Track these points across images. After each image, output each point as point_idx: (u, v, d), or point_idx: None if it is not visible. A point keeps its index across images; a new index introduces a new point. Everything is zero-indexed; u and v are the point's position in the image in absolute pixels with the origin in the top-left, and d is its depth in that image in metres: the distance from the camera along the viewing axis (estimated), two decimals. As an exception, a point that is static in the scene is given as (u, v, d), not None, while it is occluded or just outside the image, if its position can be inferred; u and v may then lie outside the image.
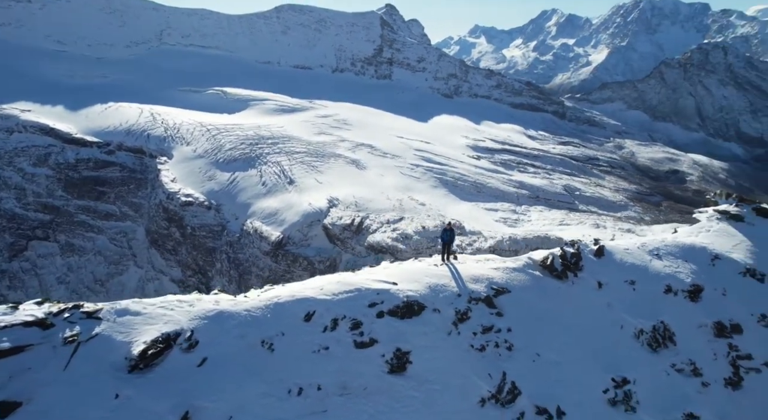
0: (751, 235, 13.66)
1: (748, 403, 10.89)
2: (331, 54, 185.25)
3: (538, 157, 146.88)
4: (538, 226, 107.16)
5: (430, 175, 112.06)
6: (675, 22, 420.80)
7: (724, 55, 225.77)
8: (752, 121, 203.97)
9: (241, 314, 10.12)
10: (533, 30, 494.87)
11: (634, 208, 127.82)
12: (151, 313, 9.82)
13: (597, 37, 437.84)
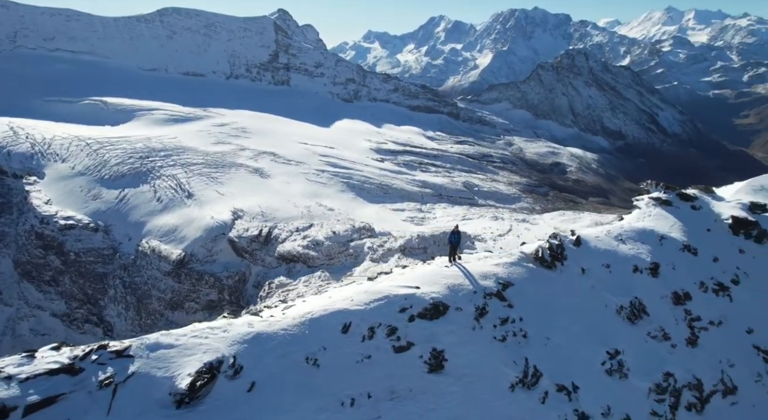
0: (679, 217, 15.99)
1: (704, 357, 13.13)
2: (224, 60, 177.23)
3: (438, 157, 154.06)
4: (443, 223, 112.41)
5: (336, 179, 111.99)
6: (545, 30, 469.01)
7: (586, 60, 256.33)
8: (612, 118, 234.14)
9: (279, 334, 10.15)
10: (424, 35, 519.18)
11: (526, 200, 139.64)
12: (186, 344, 9.53)
13: (482, 43, 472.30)
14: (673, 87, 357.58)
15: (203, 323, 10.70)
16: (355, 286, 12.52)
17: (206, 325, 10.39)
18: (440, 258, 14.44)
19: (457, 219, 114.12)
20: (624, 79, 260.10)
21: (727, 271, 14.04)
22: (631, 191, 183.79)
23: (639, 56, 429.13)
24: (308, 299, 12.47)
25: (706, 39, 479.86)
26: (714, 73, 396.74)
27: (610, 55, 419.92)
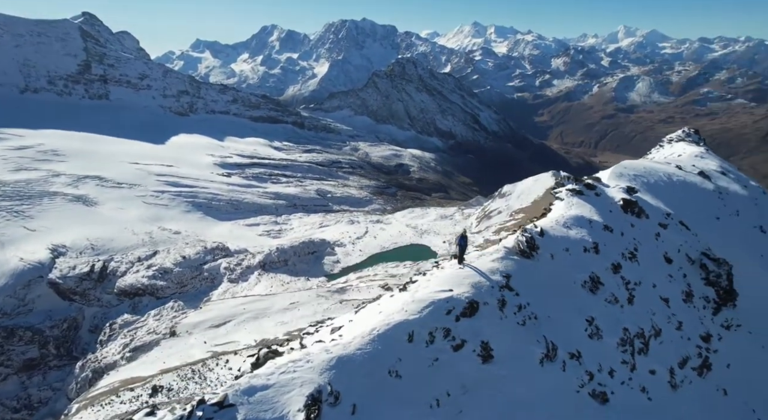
0: (591, 203, 18.90)
1: (639, 311, 16.22)
2: (14, 70, 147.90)
3: (288, 167, 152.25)
4: (302, 232, 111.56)
5: (180, 200, 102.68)
6: (375, 40, 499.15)
7: (415, 68, 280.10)
8: (443, 119, 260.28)
9: (357, 354, 10.61)
10: (258, 45, 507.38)
11: (378, 201, 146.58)
12: (279, 382, 9.81)
13: (317, 52, 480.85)
14: (487, 91, 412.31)
15: (283, 357, 10.97)
16: (399, 297, 13.30)
17: (287, 359, 10.67)
18: (448, 262, 15.51)
19: (315, 227, 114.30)
20: (448, 84, 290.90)
21: (630, 242, 17.20)
22: (465, 184, 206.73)
23: (458, 64, 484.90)
24: (354, 318, 12.93)
25: (505, 50, 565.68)
26: (515, 78, 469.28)
27: (434, 63, 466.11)
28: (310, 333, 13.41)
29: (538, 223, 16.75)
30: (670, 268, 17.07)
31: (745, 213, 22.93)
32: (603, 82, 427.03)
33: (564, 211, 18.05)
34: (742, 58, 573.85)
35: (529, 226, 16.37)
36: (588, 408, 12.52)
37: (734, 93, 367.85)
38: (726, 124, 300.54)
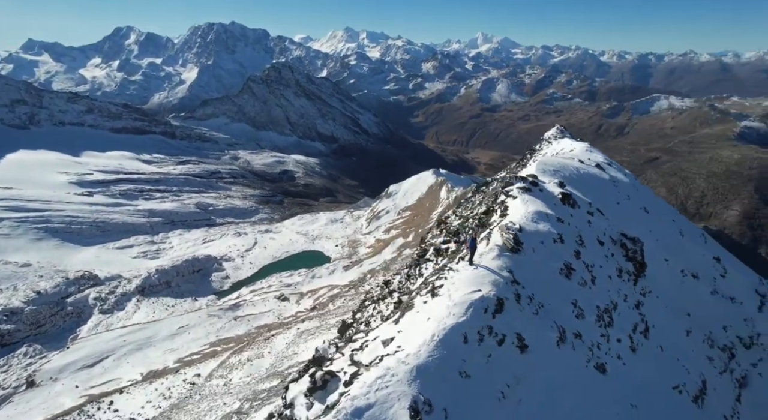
0: (540, 198, 20.32)
1: (600, 289, 18.23)
2: None
3: (161, 181, 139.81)
4: (184, 250, 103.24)
5: (26, 226, 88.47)
6: (247, 44, 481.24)
7: (291, 73, 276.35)
8: (324, 124, 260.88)
9: (429, 361, 10.99)
10: (111, 48, 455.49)
11: (264, 210, 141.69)
12: (379, 398, 9.96)
13: (184, 56, 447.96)
14: (364, 94, 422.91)
15: (370, 373, 11.00)
16: (441, 302, 13.64)
17: (374, 376, 10.77)
18: (459, 264, 15.97)
19: (198, 243, 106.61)
20: (327, 89, 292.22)
21: (576, 230, 19.54)
22: (352, 187, 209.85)
23: (334, 69, 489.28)
24: (400, 327, 13.09)
25: (378, 55, 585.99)
26: (390, 82, 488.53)
27: (310, 67, 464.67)
28: (358, 348, 13.11)
29: (514, 220, 17.98)
30: (604, 250, 19.51)
31: (633, 197, 27.03)
32: (469, 84, 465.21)
33: (525, 207, 19.34)
34: (575, 63, 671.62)
35: (508, 224, 17.54)
36: (596, 379, 14.49)
37: (572, 93, 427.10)
38: (569, 120, 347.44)
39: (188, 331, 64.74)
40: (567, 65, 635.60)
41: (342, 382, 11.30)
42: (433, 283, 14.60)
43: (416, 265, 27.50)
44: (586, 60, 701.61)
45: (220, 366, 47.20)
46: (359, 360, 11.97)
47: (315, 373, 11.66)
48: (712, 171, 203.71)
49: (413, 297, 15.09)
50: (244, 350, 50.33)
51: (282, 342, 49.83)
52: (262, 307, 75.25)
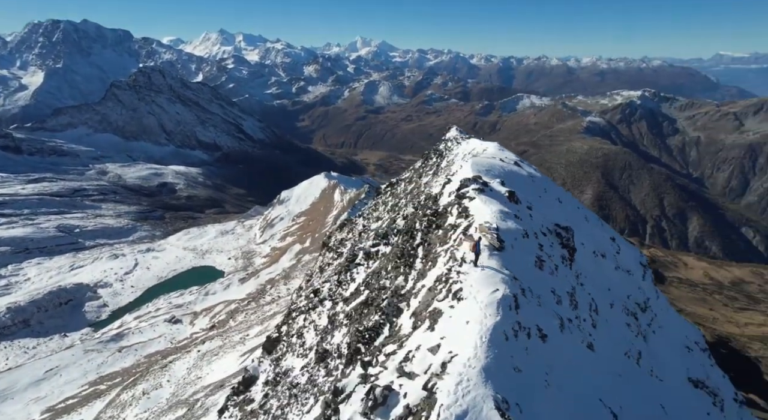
0: (494, 197, 20.98)
1: (563, 276, 19.58)
2: None
3: (7, 204, 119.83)
4: (45, 281, 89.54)
5: None
6: (106, 46, 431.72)
7: (163, 77, 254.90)
8: (204, 131, 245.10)
9: (488, 362, 11.36)
10: None
11: (143, 228, 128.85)
12: (469, 404, 10.22)
13: (23, 58, 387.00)
14: (246, 99, 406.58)
15: (445, 381, 11.05)
16: (472, 305, 13.74)
17: (453, 383, 10.82)
18: (463, 267, 16.00)
19: (64, 271, 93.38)
20: (205, 94, 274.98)
21: (528, 225, 20.15)
22: (240, 196, 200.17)
23: (210, 73, 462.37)
24: (440, 333, 13.06)
25: (257, 58, 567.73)
26: (272, 86, 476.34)
27: (183, 71, 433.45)
28: (404, 359, 12.61)
29: (488, 220, 18.32)
30: (547, 239, 20.76)
31: (548, 190, 29.38)
32: (352, 87, 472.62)
33: (488, 207, 19.61)
34: (449, 66, 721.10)
35: (483, 223, 17.80)
36: (590, 356, 16.09)
37: (449, 94, 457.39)
38: (448, 119, 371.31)
39: (59, 373, 56.45)
40: (442, 68, 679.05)
41: (401, 395, 11.15)
42: (449, 287, 14.76)
43: (347, 271, 27.07)
44: (458, 63, 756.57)
45: (109, 406, 41.95)
46: (411, 370, 11.86)
47: (373, 389, 11.30)
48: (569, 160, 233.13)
49: (430, 302, 15.07)
50: (137, 383, 45.32)
51: (182, 367, 45.91)
52: (151, 333, 68.45)
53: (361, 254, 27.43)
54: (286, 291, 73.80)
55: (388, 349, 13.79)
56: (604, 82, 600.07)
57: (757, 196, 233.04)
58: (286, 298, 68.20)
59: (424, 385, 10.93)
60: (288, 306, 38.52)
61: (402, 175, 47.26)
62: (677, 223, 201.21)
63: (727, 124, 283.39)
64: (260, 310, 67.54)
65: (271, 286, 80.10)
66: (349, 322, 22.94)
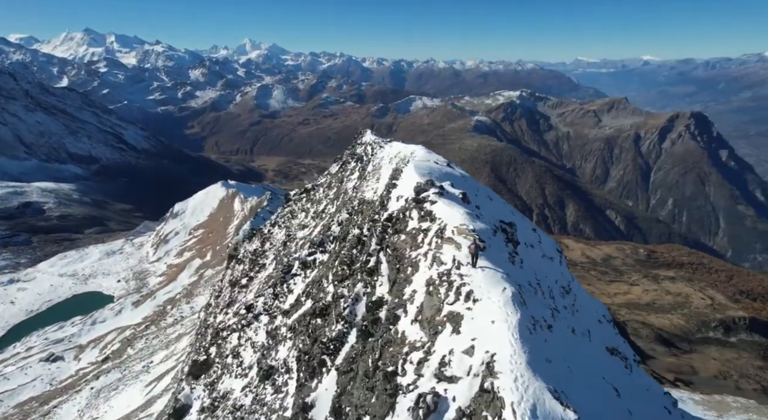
0: (452, 199, 21.01)
1: (526, 268, 20.07)
2: None
3: None
4: None
5: None
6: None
7: (15, 81, 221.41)
8: (76, 142, 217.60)
9: (528, 357, 11.69)
10: None
11: (3, 256, 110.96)
12: (533, 398, 10.49)
13: None
14: (125, 106, 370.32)
15: (500, 380, 11.26)
16: (492, 304, 13.98)
17: (510, 380, 10.96)
18: (462, 269, 16.08)
19: None
20: (73, 101, 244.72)
21: (486, 221, 20.46)
22: (126, 212, 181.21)
23: (78, 77, 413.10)
24: (471, 335, 13.06)
25: (135, 61, 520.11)
26: (155, 91, 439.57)
27: (43, 75, 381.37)
28: (441, 364, 12.47)
29: (461, 221, 18.44)
30: (497, 236, 20.98)
31: (480, 189, 30.05)
32: (244, 91, 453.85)
33: (453, 210, 19.62)
34: (342, 69, 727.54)
35: (460, 226, 17.98)
36: (577, 339, 17.37)
37: (344, 97, 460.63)
38: (345, 121, 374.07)
39: None
40: (335, 71, 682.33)
41: (450, 399, 11.27)
42: (458, 289, 14.96)
43: (282, 283, 25.95)
44: (351, 66, 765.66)
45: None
46: (453, 374, 11.94)
47: (422, 398, 11.29)
48: (462, 158, 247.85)
49: (439, 306, 14.85)
50: (7, 441, 38.61)
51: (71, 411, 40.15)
52: (22, 377, 58.96)
53: (296, 264, 26.41)
54: (190, 310, 68.36)
55: (414, 357, 13.58)
56: (487, 83, 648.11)
57: (616, 182, 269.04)
58: (191, 317, 63.12)
59: (481, 386, 11.04)
60: (199, 325, 35.52)
61: (318, 181, 46.14)
62: (557, 210, 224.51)
63: (589, 121, 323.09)
64: (162, 334, 61.68)
65: (172, 307, 73.68)
66: (294, 334, 21.88)
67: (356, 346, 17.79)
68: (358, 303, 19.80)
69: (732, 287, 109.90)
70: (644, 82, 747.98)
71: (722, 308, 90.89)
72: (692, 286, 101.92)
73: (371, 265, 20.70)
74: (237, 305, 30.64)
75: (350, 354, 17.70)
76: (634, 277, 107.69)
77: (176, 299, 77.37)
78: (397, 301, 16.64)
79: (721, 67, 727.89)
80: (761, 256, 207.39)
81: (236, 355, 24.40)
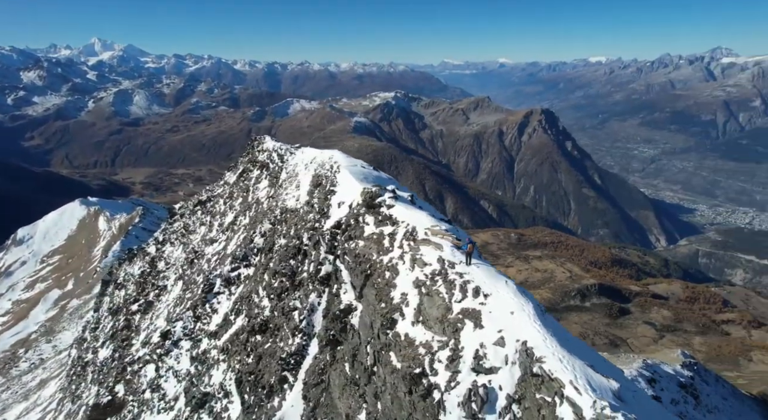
0: (405, 202, 21.18)
1: None
2: None
3: None
4: None
5: None
6: None
7: None
8: None
9: (556, 339, 12.66)
10: None
11: None
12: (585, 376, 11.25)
13: None
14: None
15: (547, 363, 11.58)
16: (507, 294, 14.52)
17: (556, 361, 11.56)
18: (457, 268, 16.45)
19: None
20: None
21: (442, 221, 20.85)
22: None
23: None
24: (496, 326, 13.50)
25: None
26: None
27: None
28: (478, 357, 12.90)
29: (429, 222, 18.58)
30: None
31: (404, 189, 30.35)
32: (98, 97, 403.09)
33: (413, 212, 19.71)
34: (211, 72, 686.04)
35: (433, 226, 17.81)
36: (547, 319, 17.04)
37: (216, 101, 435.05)
38: (220, 127, 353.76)
39: None
40: (204, 74, 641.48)
41: (497, 388, 11.71)
42: (463, 287, 15.25)
43: (205, 303, 24.36)
44: (221, 69, 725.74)
45: None
46: (492, 366, 12.38)
47: (475, 391, 11.86)
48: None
49: (448, 306, 15.05)
50: None
51: None
52: None
53: (219, 282, 24.65)
54: (53, 350, 58.52)
55: (441, 356, 13.72)
56: (362, 85, 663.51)
57: (486, 174, 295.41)
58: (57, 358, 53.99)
59: (528, 372, 11.67)
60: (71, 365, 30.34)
61: (214, 192, 42.64)
62: (438, 204, 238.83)
63: (458, 119, 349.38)
64: (17, 384, 51.80)
65: (26, 349, 62.44)
66: (228, 356, 20.32)
67: (321, 357, 17.22)
68: (314, 314, 19.33)
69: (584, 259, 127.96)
70: (502, 82, 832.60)
71: (578, 278, 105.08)
72: (555, 262, 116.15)
73: (323, 274, 20.13)
74: (144, 334, 27.24)
75: (316, 366, 17.05)
76: (509, 260, 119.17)
77: (31, 340, 65.83)
78: (383, 306, 16.37)
79: (559, 69, 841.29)
80: (602, 231, 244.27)
81: (155, 388, 21.87)
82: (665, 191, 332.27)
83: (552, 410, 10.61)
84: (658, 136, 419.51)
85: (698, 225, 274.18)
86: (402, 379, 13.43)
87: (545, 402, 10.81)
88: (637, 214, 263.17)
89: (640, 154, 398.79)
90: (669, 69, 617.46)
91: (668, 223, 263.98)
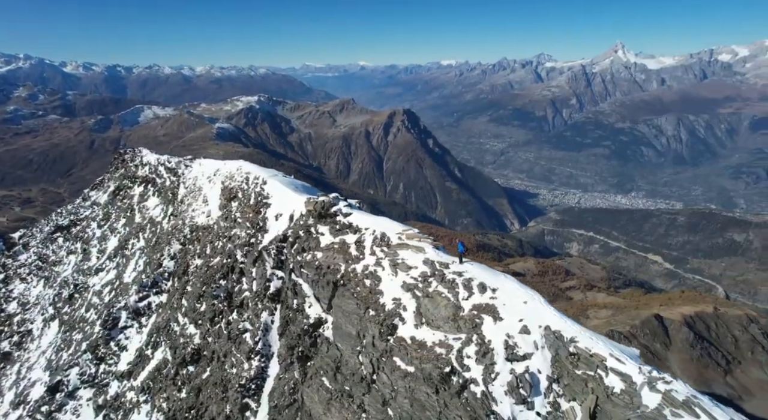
0: (359, 209, 21.39)
1: None
2: None
3: None
4: None
5: None
6: None
7: None
8: None
9: (572, 321, 14.36)
10: None
11: None
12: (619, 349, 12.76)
13: None
14: None
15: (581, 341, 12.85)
16: (512, 284, 15.69)
17: (588, 339, 12.92)
18: (452, 267, 16.95)
19: None
20: None
21: None
22: None
23: None
24: (516, 311, 14.30)
25: None
26: None
27: None
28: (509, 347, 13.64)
29: (400, 227, 19.65)
30: None
31: None
32: None
33: (374, 218, 20.19)
34: (32, 75, 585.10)
35: (410, 230, 18.44)
36: None
37: (44, 109, 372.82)
38: (52, 139, 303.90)
39: None
40: (21, 77, 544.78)
41: (536, 371, 12.42)
42: (467, 284, 15.88)
43: (108, 341, 21.98)
44: (45, 71, 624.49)
45: None
46: (525, 352, 12.94)
47: (520, 378, 12.50)
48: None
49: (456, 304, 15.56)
50: None
51: None
52: None
53: (124, 315, 21.79)
54: None
55: (469, 351, 13.88)
56: (222, 89, 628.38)
57: (357, 174, 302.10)
58: None
59: (565, 352, 12.36)
60: None
61: (79, 214, 35.82)
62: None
63: (325, 121, 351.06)
64: None
65: None
66: (152, 395, 17.96)
67: (287, 377, 16.29)
68: (268, 333, 18.39)
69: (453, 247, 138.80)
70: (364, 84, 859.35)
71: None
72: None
73: (272, 290, 19.10)
74: (12, 393, 22.16)
75: (283, 387, 15.87)
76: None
77: None
78: (374, 314, 16.06)
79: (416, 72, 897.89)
80: (466, 220, 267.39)
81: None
82: (514, 180, 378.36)
83: (599, 382, 11.27)
84: (505, 131, 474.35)
85: (542, 207, 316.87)
86: (424, 381, 13.35)
87: (588, 376, 11.54)
88: (493, 202, 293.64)
89: (492, 148, 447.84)
90: (507, 71, 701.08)
91: (519, 207, 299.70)
